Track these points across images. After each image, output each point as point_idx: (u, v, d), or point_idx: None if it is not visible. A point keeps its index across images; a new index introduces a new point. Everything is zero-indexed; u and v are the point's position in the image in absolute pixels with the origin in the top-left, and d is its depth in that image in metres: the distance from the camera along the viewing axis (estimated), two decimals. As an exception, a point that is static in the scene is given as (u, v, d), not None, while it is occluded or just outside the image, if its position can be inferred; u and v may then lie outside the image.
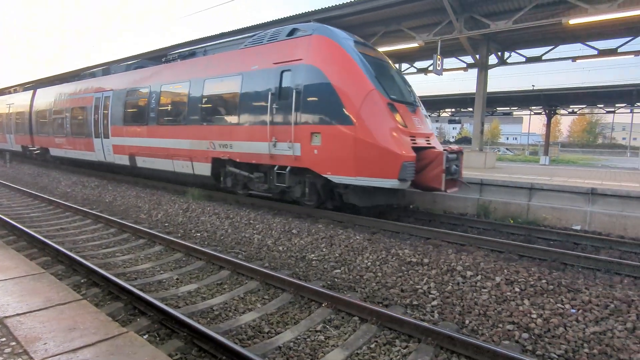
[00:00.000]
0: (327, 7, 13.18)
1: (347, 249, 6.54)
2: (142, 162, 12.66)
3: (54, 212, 9.90)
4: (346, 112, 7.59)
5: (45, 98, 18.75)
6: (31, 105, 19.88)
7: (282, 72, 8.55)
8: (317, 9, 13.41)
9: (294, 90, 8.16)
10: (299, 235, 7.33)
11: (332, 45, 8.20)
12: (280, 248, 6.88)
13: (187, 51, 12.36)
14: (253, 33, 10.65)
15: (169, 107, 11.68)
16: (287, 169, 8.48)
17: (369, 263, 5.99)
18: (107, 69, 15.79)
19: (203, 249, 6.50)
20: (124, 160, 13.42)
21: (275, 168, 8.73)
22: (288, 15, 14.08)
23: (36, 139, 19.52)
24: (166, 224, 8.75)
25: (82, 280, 5.47)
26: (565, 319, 4.23)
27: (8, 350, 2.73)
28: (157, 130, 11.85)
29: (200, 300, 5.01)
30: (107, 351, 2.76)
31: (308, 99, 8.04)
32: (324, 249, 6.61)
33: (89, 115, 14.92)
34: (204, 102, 10.41)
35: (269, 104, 8.63)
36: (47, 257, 6.36)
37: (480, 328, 4.25)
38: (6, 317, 3.21)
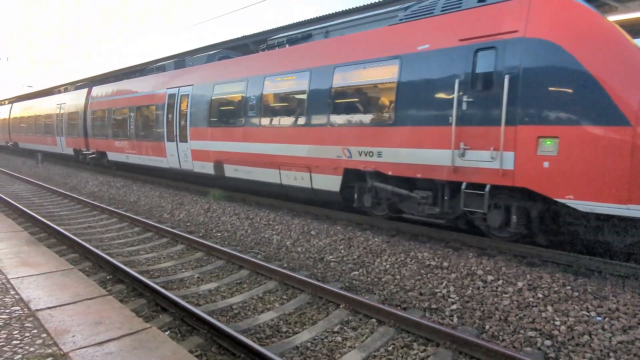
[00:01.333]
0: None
1: (366, 251, 6.52)
2: (232, 171, 10.30)
3: (82, 211, 10.28)
4: (615, 107, 5.10)
5: (103, 96, 16.64)
6: (86, 105, 17.77)
7: (477, 51, 6.15)
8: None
9: (506, 77, 5.69)
10: (317, 236, 7.36)
11: (578, 11, 5.71)
12: (299, 249, 6.93)
13: (298, 34, 9.76)
14: (408, 4, 7.95)
15: (277, 105, 9.38)
16: (487, 188, 5.96)
17: (388, 265, 5.96)
18: (181, 61, 13.57)
19: (223, 249, 6.62)
20: (206, 168, 11.03)
21: (463, 186, 6.20)
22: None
23: (91, 141, 17.37)
24: (188, 224, 8.95)
25: (107, 277, 5.66)
26: (590, 326, 4.10)
27: (39, 341, 2.87)
28: (257, 132, 9.45)
29: (220, 298, 5.10)
30: (131, 345, 2.86)
31: (534, 89, 5.62)
32: (343, 251, 6.62)
33: (160, 115, 12.71)
34: (333, 96, 7.97)
35: (455, 97, 6.16)
36: (75, 254, 6.62)
37: (500, 334, 4.17)
38: (38, 310, 3.37)
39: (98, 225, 8.81)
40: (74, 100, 19.22)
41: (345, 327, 4.34)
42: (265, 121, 9.37)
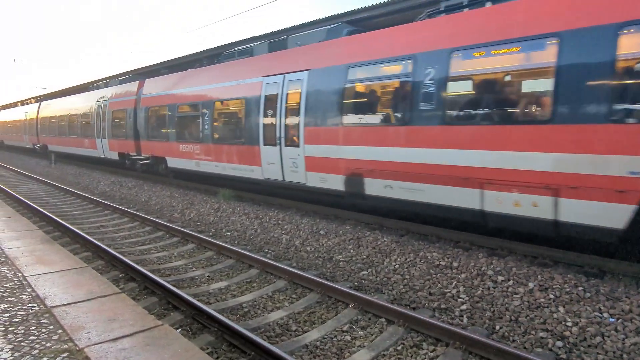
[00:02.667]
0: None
1: (375, 250, 6.52)
2: (380, 188, 7.40)
3: (94, 211, 10.45)
4: None
5: (161, 90, 13.89)
6: (136, 101, 15.05)
7: None
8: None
9: None
10: (326, 236, 7.38)
11: None
12: (308, 248, 6.96)
13: None
14: None
15: (480, 93, 6.39)
16: None
17: (397, 265, 5.95)
18: (280, 41, 10.38)
19: (233, 248, 6.68)
20: (331, 182, 8.18)
21: None
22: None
23: (145, 145, 14.61)
24: (198, 223, 9.04)
25: (120, 275, 5.76)
26: (603, 328, 4.05)
27: (55, 337, 2.94)
28: (438, 134, 6.55)
29: (230, 297, 5.16)
30: (144, 342, 2.91)
31: None
32: (352, 250, 6.63)
33: (251, 112, 9.86)
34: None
35: None
36: (88, 253, 6.74)
37: (511, 334, 4.15)
38: (54, 306, 3.45)
39: (110, 225, 8.95)
40: (119, 96, 16.48)
41: (354, 327, 4.35)
42: (452, 117, 6.47)
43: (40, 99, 31.26)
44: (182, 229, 7.94)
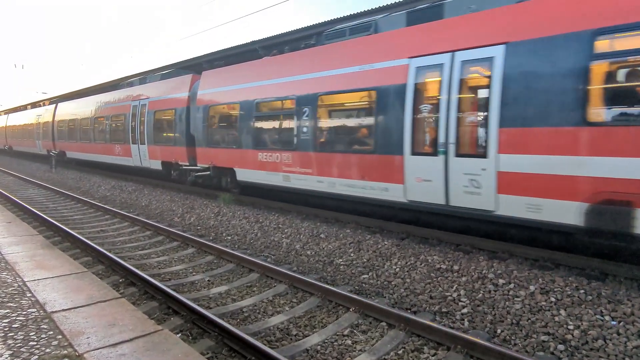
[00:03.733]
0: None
1: (375, 254, 6.51)
2: None
3: (94, 215, 10.44)
4: None
5: (229, 84, 11.02)
6: (190, 99, 12.42)
7: None
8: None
9: None
10: (327, 239, 7.37)
11: None
12: (309, 252, 6.94)
13: None
14: None
15: None
16: None
17: (398, 269, 5.94)
18: (431, 8, 7.60)
19: (233, 252, 6.67)
20: (555, 211, 5.52)
21: None
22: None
23: (203, 152, 11.69)
24: (198, 227, 9.03)
25: (120, 280, 5.75)
26: (605, 331, 4.04)
27: (55, 342, 2.93)
28: None
29: (231, 301, 5.14)
30: (144, 347, 2.90)
31: None
32: (352, 254, 6.62)
33: (387, 107, 7.27)
34: None
35: None
36: (88, 257, 6.73)
37: (512, 338, 4.13)
38: (53, 312, 3.44)
39: (110, 229, 8.94)
40: (164, 93, 13.71)
41: (355, 331, 4.33)
42: None
43: (56, 100, 28.01)
44: (183, 233, 7.94)
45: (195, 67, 16.10)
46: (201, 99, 11.77)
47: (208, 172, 11.61)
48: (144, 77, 16.56)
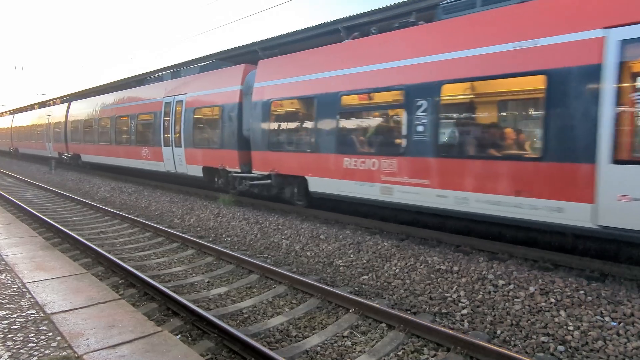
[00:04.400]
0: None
1: (375, 255, 6.51)
2: None
3: (94, 217, 10.44)
4: None
5: (301, 74, 9.00)
6: (242, 93, 10.43)
7: None
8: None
9: None
10: (326, 241, 7.37)
11: None
12: (308, 253, 6.94)
13: None
14: None
15: None
16: None
17: (397, 270, 5.94)
18: None
19: (233, 253, 6.66)
20: None
21: None
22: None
23: (261, 157, 9.76)
24: (198, 229, 9.03)
25: (120, 281, 5.74)
26: (605, 332, 4.03)
27: (54, 344, 2.93)
28: None
29: (230, 303, 5.14)
30: (143, 348, 2.90)
31: None
32: (352, 255, 6.62)
33: (577, 96, 5.28)
34: None
35: None
36: (88, 259, 6.72)
37: (512, 339, 4.13)
38: (53, 313, 3.44)
39: (110, 231, 8.94)
40: (206, 88, 11.66)
41: (354, 332, 4.33)
42: None
43: (68, 98, 25.42)
44: (182, 235, 7.93)
45: (237, 57, 14.15)
46: (259, 93, 9.64)
47: (268, 181, 9.52)
48: (176, 71, 14.16)
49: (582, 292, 4.78)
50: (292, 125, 9.41)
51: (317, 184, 8.50)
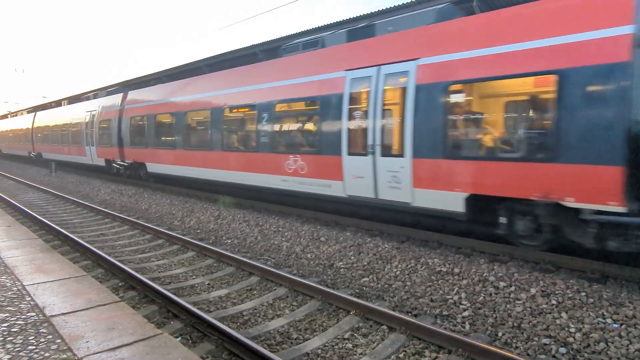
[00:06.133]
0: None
1: (376, 257, 6.50)
2: None
3: (94, 219, 10.42)
4: None
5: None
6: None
7: None
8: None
9: None
10: (327, 243, 7.35)
11: None
12: (309, 255, 6.93)
13: None
14: None
15: None
16: None
17: (398, 272, 5.92)
18: None
19: (233, 256, 6.65)
20: None
21: None
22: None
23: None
24: (198, 231, 9.02)
25: (120, 284, 5.73)
26: (606, 334, 4.02)
27: (54, 347, 2.91)
28: None
29: (231, 305, 5.12)
30: (143, 351, 2.88)
31: None
32: (352, 257, 6.60)
33: None
34: None
35: None
36: (88, 261, 6.71)
37: (514, 341, 4.11)
38: (52, 316, 3.42)
39: (110, 233, 8.93)
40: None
41: (355, 334, 4.31)
42: None
43: (113, 89, 19.41)
44: (182, 237, 7.92)
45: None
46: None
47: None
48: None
49: (583, 293, 4.76)
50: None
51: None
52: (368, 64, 7.55)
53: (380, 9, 10.86)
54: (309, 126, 9.12)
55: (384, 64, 7.29)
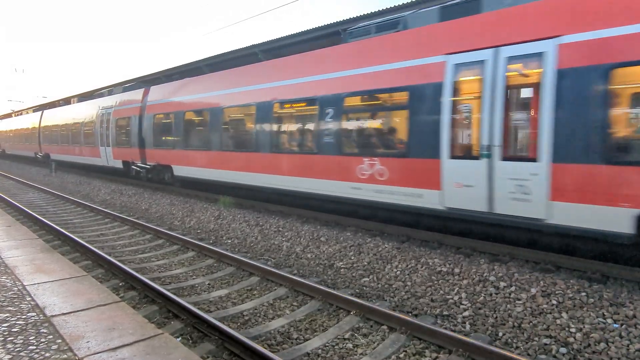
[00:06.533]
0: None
1: (376, 257, 6.50)
2: None
3: (94, 219, 10.42)
4: None
5: None
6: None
7: None
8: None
9: None
10: (327, 243, 7.35)
11: None
12: (309, 255, 6.93)
13: None
14: None
15: None
16: None
17: (398, 272, 5.92)
18: None
19: (234, 256, 6.65)
20: None
21: None
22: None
23: None
24: (199, 231, 9.02)
25: (120, 284, 5.73)
26: (607, 334, 4.02)
27: (55, 347, 2.91)
28: None
29: (231, 305, 5.12)
30: (144, 351, 2.88)
31: None
32: (352, 257, 6.60)
33: None
34: None
35: None
36: (88, 261, 6.71)
37: (514, 341, 4.11)
38: (53, 316, 3.42)
39: (110, 233, 8.93)
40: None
41: (356, 334, 4.31)
42: None
43: (133, 85, 17.68)
44: (183, 237, 7.92)
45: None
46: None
47: None
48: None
49: (583, 293, 4.76)
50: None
51: None
52: (479, 45, 6.08)
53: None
54: (391, 123, 7.64)
55: (505, 45, 5.80)
